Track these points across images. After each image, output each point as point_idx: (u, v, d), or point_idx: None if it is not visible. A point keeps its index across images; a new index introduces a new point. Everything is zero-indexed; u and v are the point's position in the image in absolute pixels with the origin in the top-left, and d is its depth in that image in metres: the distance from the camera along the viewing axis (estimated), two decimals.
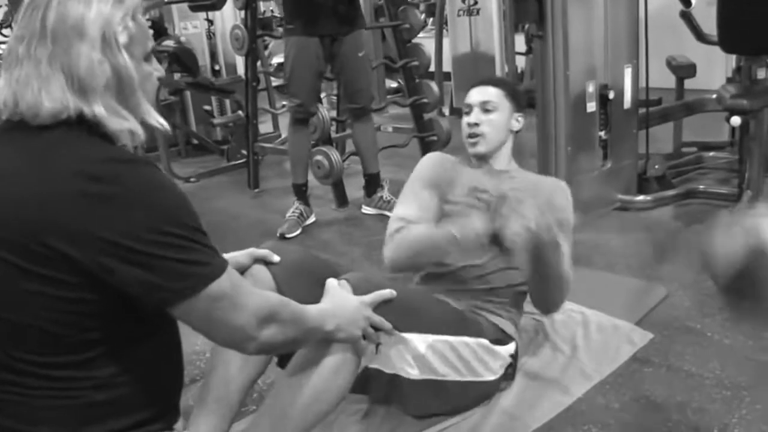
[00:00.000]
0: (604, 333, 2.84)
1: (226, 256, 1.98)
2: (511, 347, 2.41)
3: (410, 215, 2.47)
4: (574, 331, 2.85)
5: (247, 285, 1.55)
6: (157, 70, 1.53)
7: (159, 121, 1.49)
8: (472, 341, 2.25)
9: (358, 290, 1.96)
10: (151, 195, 1.35)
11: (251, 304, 1.50)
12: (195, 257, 1.39)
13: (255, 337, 1.52)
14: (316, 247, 4.19)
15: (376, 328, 1.94)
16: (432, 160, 2.68)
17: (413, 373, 2.12)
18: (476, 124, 2.52)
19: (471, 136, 2.54)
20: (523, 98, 2.63)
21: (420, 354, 2.10)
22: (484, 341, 2.30)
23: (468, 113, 2.55)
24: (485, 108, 2.52)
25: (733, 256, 1.59)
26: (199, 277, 1.40)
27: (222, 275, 1.43)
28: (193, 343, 2.07)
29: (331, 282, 1.96)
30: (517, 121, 2.57)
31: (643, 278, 3.41)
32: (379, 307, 1.95)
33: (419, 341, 2.10)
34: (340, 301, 1.89)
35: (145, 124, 1.46)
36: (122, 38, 1.40)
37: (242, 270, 2.05)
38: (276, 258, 2.08)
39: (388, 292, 1.98)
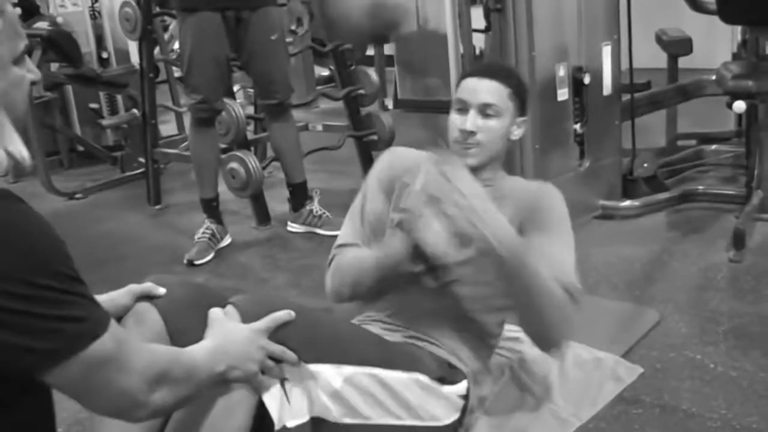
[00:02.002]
0: (583, 368, 2.84)
1: (101, 298, 1.96)
2: (461, 387, 2.36)
3: (348, 237, 2.52)
4: (546, 367, 2.83)
5: (132, 341, 1.54)
6: (30, 71, 1.51)
7: (21, 152, 1.45)
8: (406, 377, 2.20)
9: (248, 316, 1.95)
10: (15, 237, 1.32)
11: (139, 365, 1.49)
12: (69, 312, 1.37)
13: (144, 403, 1.52)
14: (233, 275, 4.18)
15: (277, 360, 1.93)
16: (390, 157, 2.65)
17: (333, 415, 2.07)
18: (473, 133, 2.39)
19: (463, 144, 2.41)
20: (527, 96, 2.53)
21: (334, 390, 2.05)
22: (422, 378, 2.24)
23: (461, 111, 2.41)
24: (486, 112, 2.39)
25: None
26: (75, 337, 1.38)
27: (104, 333, 1.42)
28: (76, 409, 2.04)
29: (214, 312, 1.96)
30: (518, 128, 2.48)
31: (630, 300, 3.44)
32: (278, 333, 1.93)
33: (332, 374, 2.05)
34: (227, 334, 1.88)
35: (7, 152, 1.42)
36: None
37: (124, 311, 2.05)
38: (161, 290, 2.07)
39: (284, 314, 1.96)
